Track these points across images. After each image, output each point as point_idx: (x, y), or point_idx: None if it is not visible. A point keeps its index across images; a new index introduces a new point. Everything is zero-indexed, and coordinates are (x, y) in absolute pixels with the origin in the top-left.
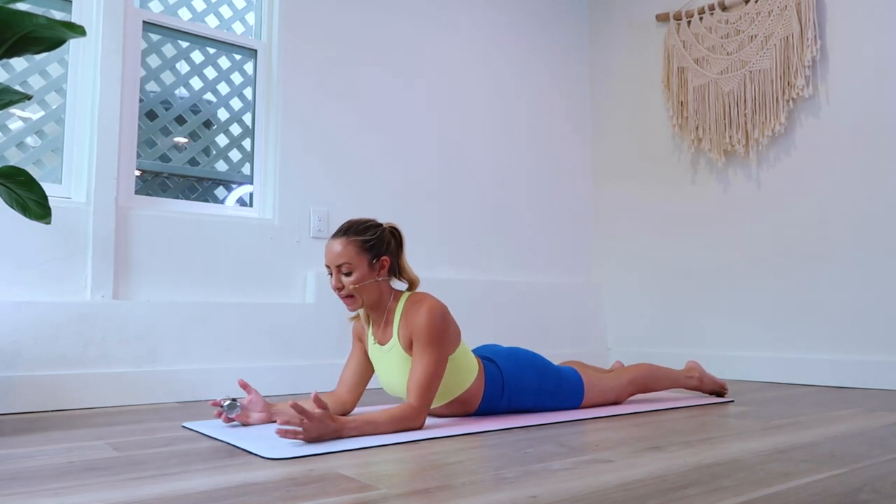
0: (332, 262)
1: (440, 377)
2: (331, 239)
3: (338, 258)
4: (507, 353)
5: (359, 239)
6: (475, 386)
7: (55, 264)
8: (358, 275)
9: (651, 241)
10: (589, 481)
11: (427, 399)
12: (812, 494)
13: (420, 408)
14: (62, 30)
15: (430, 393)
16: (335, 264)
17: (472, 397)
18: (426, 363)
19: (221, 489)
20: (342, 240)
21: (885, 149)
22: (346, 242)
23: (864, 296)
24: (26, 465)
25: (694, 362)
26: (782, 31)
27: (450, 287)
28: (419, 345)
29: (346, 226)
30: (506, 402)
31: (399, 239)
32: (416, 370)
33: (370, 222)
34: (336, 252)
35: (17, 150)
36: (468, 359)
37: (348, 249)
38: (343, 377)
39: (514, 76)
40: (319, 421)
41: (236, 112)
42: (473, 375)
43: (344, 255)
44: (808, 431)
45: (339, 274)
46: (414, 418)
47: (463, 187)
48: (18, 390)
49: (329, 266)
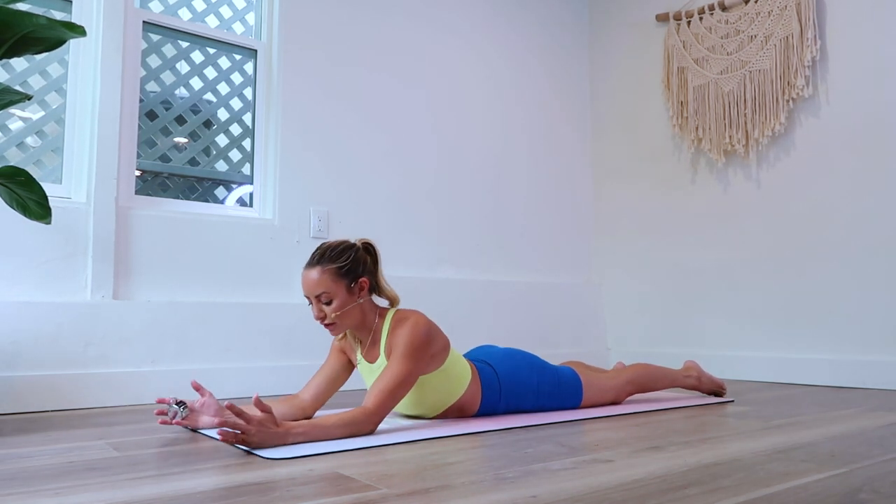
0: (309, 293)
1: (406, 389)
2: (305, 268)
3: (315, 288)
4: (502, 355)
5: (334, 266)
6: (470, 392)
7: (55, 264)
8: (338, 302)
9: (651, 241)
10: (589, 481)
11: (386, 407)
12: (812, 494)
13: (374, 413)
14: (62, 30)
15: (392, 402)
16: (313, 294)
17: (469, 403)
18: (396, 372)
19: (221, 489)
20: (317, 269)
21: (885, 149)
22: (322, 271)
23: (864, 296)
24: (26, 465)
25: (692, 362)
26: (782, 31)
27: (450, 287)
28: (395, 353)
29: (318, 253)
30: (504, 404)
31: (374, 255)
32: (385, 376)
33: (343, 244)
34: (313, 281)
35: (18, 150)
36: (459, 366)
37: (324, 278)
38: (311, 381)
39: (513, 76)
40: (260, 424)
41: (236, 112)
42: (467, 381)
43: (321, 285)
44: (808, 431)
45: (319, 304)
46: (365, 423)
47: (463, 187)
48: (18, 390)
49: (308, 297)
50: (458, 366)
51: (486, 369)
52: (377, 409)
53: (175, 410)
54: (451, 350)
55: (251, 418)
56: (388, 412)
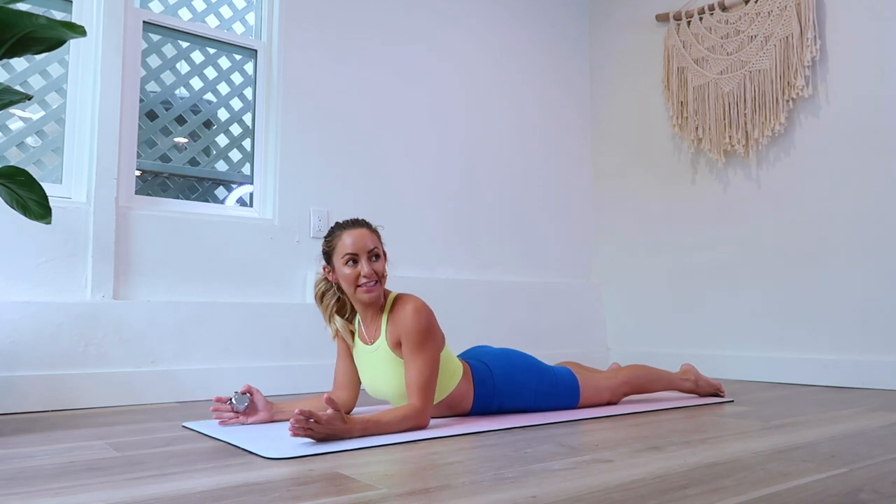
0: (362, 249)
1: (436, 374)
2: (351, 229)
3: (370, 242)
4: (497, 355)
5: (376, 229)
6: (461, 388)
7: (55, 264)
8: (383, 261)
9: (651, 241)
10: (589, 481)
11: (428, 397)
12: (812, 494)
13: (423, 407)
14: (62, 30)
15: (430, 391)
16: (367, 249)
17: (460, 399)
18: (421, 363)
19: (221, 489)
20: (364, 229)
21: (885, 149)
22: (370, 230)
23: (864, 296)
24: (26, 465)
25: (689, 365)
26: (782, 31)
27: (450, 287)
28: (410, 347)
29: (357, 219)
30: (498, 403)
31: None
32: (412, 372)
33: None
34: (368, 236)
35: (18, 150)
36: (452, 363)
37: (374, 236)
38: (336, 378)
39: (513, 76)
40: (329, 422)
41: (236, 112)
42: (457, 378)
43: (374, 240)
44: (808, 431)
45: (370, 261)
46: (419, 417)
47: (463, 187)
48: (18, 390)
49: (357, 253)
50: (451, 362)
51: (480, 367)
52: (423, 403)
53: (235, 404)
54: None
55: (319, 417)
56: (432, 401)
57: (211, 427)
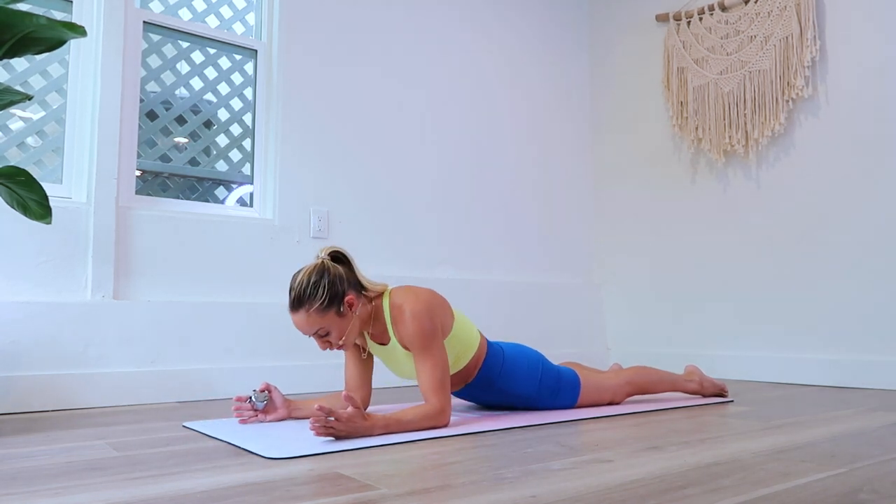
0: (306, 333)
1: (447, 368)
2: (291, 313)
3: (309, 329)
4: (511, 345)
5: (315, 304)
6: (477, 356)
7: (55, 264)
8: (336, 331)
9: (651, 241)
10: (589, 481)
11: (444, 396)
12: (812, 494)
13: (441, 407)
14: (63, 30)
15: (445, 390)
16: (309, 334)
17: (472, 369)
18: (430, 365)
19: (221, 489)
20: (302, 312)
21: (885, 149)
22: (307, 313)
23: (864, 296)
24: (26, 465)
25: (693, 366)
26: (782, 31)
27: (450, 287)
28: (416, 351)
29: (295, 296)
30: (499, 385)
31: (347, 262)
32: (424, 377)
33: (311, 274)
34: (304, 324)
35: (18, 150)
36: (467, 331)
37: (312, 318)
38: (348, 382)
39: (513, 76)
40: (350, 420)
41: (236, 112)
42: (474, 348)
43: (312, 324)
44: (808, 431)
45: (319, 339)
46: (438, 416)
47: (463, 187)
48: (18, 390)
49: (305, 335)
50: (466, 330)
51: (495, 345)
52: (441, 402)
53: (255, 402)
54: (457, 314)
55: (340, 415)
56: (449, 398)
57: (211, 427)
